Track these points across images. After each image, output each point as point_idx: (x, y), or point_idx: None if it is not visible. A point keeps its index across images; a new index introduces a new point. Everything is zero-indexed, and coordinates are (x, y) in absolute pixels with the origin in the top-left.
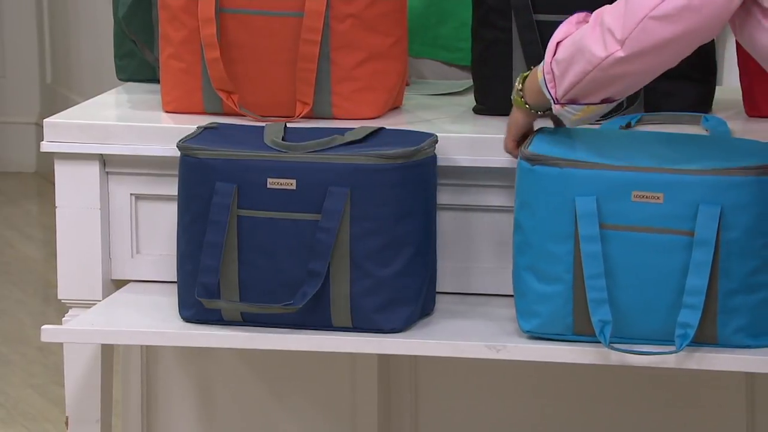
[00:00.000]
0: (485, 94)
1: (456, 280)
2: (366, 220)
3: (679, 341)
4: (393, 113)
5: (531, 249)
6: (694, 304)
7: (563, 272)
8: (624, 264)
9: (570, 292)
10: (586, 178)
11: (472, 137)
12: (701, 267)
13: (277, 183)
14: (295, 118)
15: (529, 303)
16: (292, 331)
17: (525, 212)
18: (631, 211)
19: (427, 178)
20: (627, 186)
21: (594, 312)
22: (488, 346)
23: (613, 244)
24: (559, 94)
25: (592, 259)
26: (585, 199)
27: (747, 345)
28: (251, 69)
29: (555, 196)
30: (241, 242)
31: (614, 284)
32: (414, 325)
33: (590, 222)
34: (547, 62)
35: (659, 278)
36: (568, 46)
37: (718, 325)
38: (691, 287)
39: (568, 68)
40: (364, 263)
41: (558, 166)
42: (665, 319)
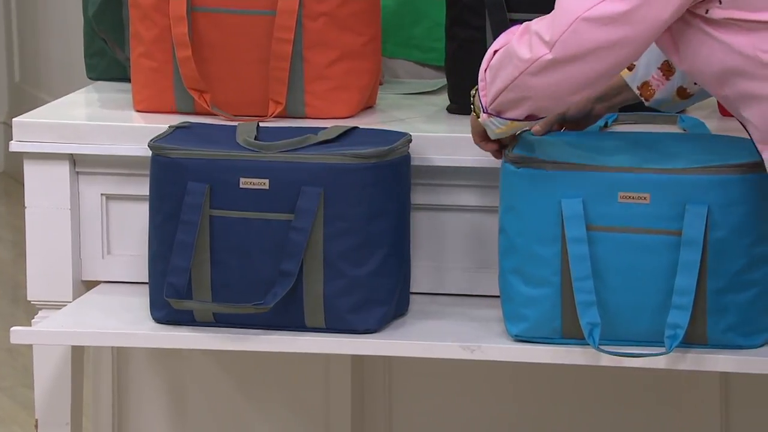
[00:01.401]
0: (459, 93)
1: (430, 281)
2: (339, 219)
3: (669, 342)
4: (366, 112)
5: (517, 252)
6: (683, 304)
7: (550, 275)
8: (612, 265)
9: (558, 295)
10: (572, 180)
11: (446, 137)
12: (689, 267)
13: (249, 183)
14: (267, 117)
15: (516, 307)
16: (264, 331)
17: (510, 216)
18: (617, 212)
19: (400, 177)
20: (613, 187)
21: (582, 314)
22: (463, 346)
23: (601, 246)
24: (488, 101)
25: (579, 261)
26: (571, 201)
27: (738, 344)
28: (223, 68)
29: (541, 198)
30: (214, 242)
31: (602, 286)
32: (388, 325)
33: (577, 224)
34: (482, 70)
35: (647, 279)
36: (501, 53)
37: (708, 325)
38: (680, 287)
39: (497, 74)
40: (337, 263)
41: (543, 168)
42: (654, 320)
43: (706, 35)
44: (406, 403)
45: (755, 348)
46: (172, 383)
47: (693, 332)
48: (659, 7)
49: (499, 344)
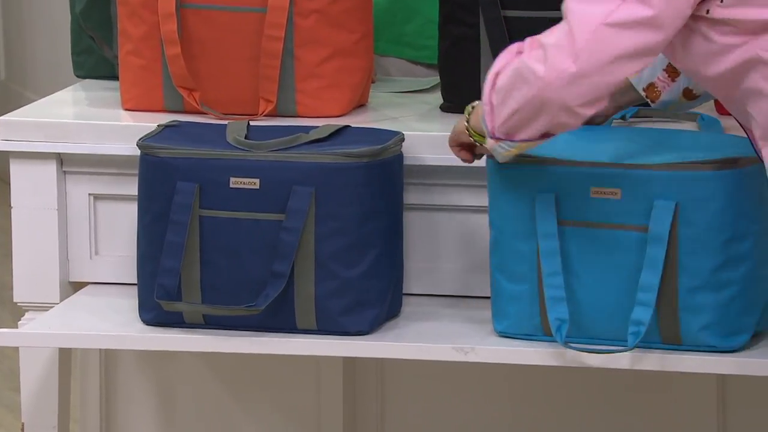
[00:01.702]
0: (452, 91)
1: (423, 282)
2: (331, 219)
3: (631, 339)
4: (358, 111)
5: (500, 248)
6: (646, 300)
7: (528, 271)
8: (583, 261)
9: (535, 290)
10: (546, 175)
11: (439, 135)
12: (654, 263)
13: (240, 182)
14: (258, 116)
15: (501, 303)
16: (255, 333)
17: (495, 211)
18: (590, 207)
19: (393, 177)
20: (585, 182)
21: (550, 310)
22: (456, 348)
23: (573, 241)
24: (496, 124)
25: (549, 256)
26: (543, 196)
27: (713, 345)
28: (213, 66)
29: (518, 193)
30: (203, 243)
31: (575, 282)
32: (380, 327)
33: (548, 219)
34: (486, 94)
35: (617, 276)
36: (508, 74)
37: (681, 324)
38: (644, 284)
39: (508, 96)
40: (329, 264)
41: (520, 164)
42: (624, 319)
43: (705, 36)
44: (398, 405)
45: (733, 351)
46: (161, 386)
47: (667, 332)
48: (680, 8)
49: (493, 346)
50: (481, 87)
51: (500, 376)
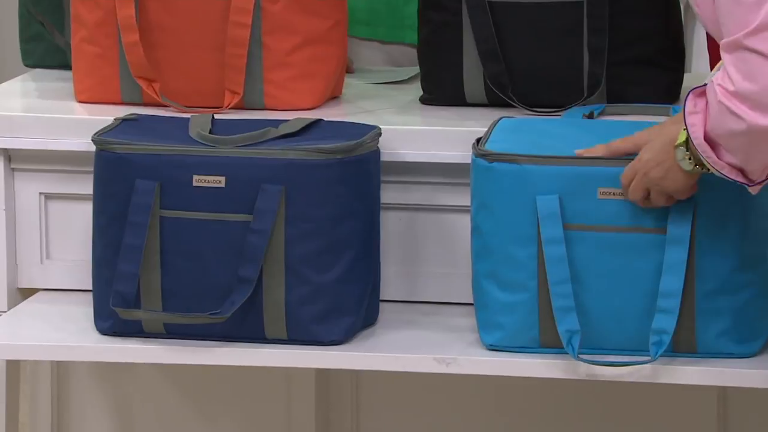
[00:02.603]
0: (433, 82)
1: (402, 287)
2: (302, 221)
3: (654, 349)
4: (332, 103)
5: (491, 254)
6: (670, 307)
7: (527, 279)
8: (592, 267)
9: (534, 300)
10: (548, 175)
11: (419, 129)
12: (676, 267)
13: (203, 180)
14: (223, 108)
15: (491, 314)
16: (220, 344)
17: (483, 214)
18: (597, 209)
19: (369, 174)
20: (592, 182)
21: (560, 321)
22: (437, 359)
23: (580, 247)
24: (756, 177)
25: (556, 263)
26: (547, 198)
27: (731, 352)
28: (174, 54)
29: (515, 195)
30: (164, 246)
31: (582, 290)
32: (355, 336)
33: (553, 223)
34: (716, 162)
35: (631, 282)
36: (730, 137)
37: (697, 331)
38: (666, 290)
39: (753, 151)
40: (300, 268)
41: (517, 163)
42: (639, 327)
43: None
44: (374, 420)
45: (749, 357)
46: (118, 401)
47: (681, 339)
48: None
49: (476, 356)
50: (464, 77)
51: (485, 388)
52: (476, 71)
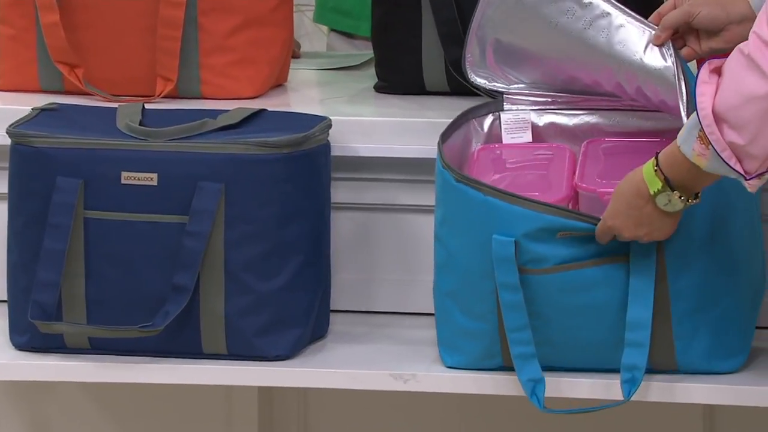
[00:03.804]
0: (389, 68)
1: (355, 296)
2: (244, 222)
3: (626, 388)
4: (276, 92)
5: (454, 273)
6: (639, 340)
7: (488, 311)
8: (554, 306)
9: (496, 332)
10: (507, 214)
11: (374, 121)
12: (642, 295)
13: (133, 178)
14: (155, 97)
15: (452, 336)
16: (152, 359)
17: (447, 228)
18: (556, 250)
19: (318, 170)
20: (553, 228)
21: (520, 370)
22: (394, 375)
23: (539, 288)
24: (757, 163)
25: (512, 309)
26: (502, 241)
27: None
28: (100, 37)
29: (478, 223)
30: (89, 250)
31: (545, 325)
32: (303, 350)
33: (507, 268)
34: (718, 139)
35: (598, 315)
36: (742, 106)
37: (677, 354)
38: (634, 320)
39: (763, 126)
40: (241, 275)
41: (480, 191)
42: (611, 353)
43: None
44: None
45: (733, 372)
46: (37, 423)
47: (660, 362)
48: None
49: (437, 373)
50: (423, 63)
51: (446, 408)
52: (436, 56)
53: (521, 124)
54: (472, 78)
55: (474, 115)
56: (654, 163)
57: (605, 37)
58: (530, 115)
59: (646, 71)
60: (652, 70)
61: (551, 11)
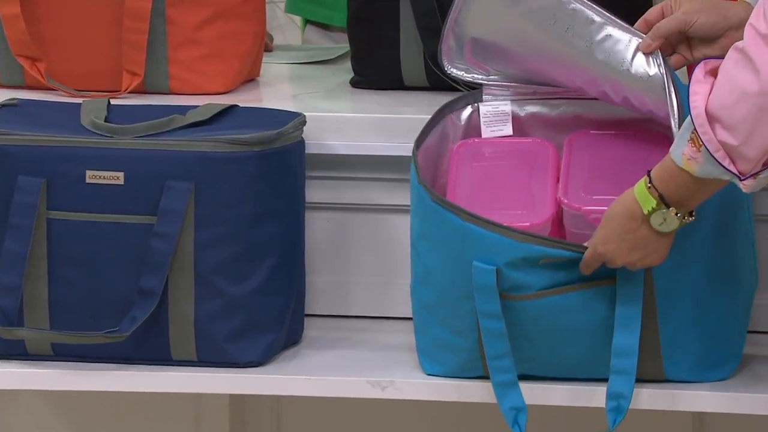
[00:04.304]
0: (365, 62)
1: (330, 300)
2: (214, 223)
3: (611, 417)
4: (248, 87)
5: (432, 288)
6: (625, 368)
7: (468, 328)
8: (537, 328)
9: (476, 348)
10: (487, 242)
11: (350, 117)
12: (629, 321)
13: (98, 177)
14: (121, 92)
15: (432, 347)
16: (118, 366)
17: (425, 243)
18: (539, 276)
19: (292, 169)
20: (536, 257)
21: (502, 398)
22: (371, 382)
23: (522, 313)
24: (750, 164)
25: (493, 337)
26: (483, 269)
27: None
28: (63, 29)
29: (456, 245)
30: (52, 252)
31: (529, 344)
32: (276, 356)
33: (489, 297)
34: (710, 139)
35: (582, 337)
36: (735, 104)
37: (666, 369)
38: (620, 348)
39: (757, 126)
40: (212, 279)
41: (458, 216)
42: (593, 367)
43: None
44: None
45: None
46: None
47: (647, 372)
48: None
49: (416, 379)
50: (401, 56)
51: (425, 416)
52: (415, 49)
53: (501, 116)
54: (449, 69)
55: (451, 110)
56: (646, 180)
57: (589, 44)
58: (510, 106)
59: (633, 80)
60: (640, 80)
61: (532, 15)
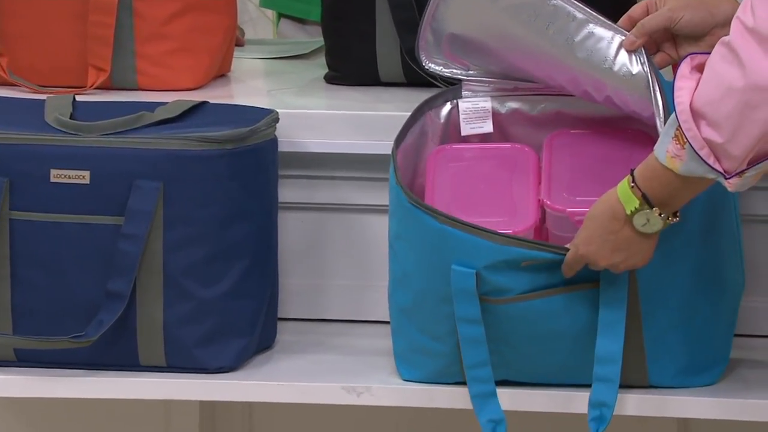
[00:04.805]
0: (340, 57)
1: (304, 303)
2: (184, 224)
3: (593, 426)
4: (219, 83)
5: (409, 291)
6: (609, 376)
7: (446, 333)
8: (518, 334)
9: (455, 353)
10: (466, 245)
11: (324, 114)
12: (612, 327)
13: (63, 176)
14: (87, 88)
15: (409, 351)
16: (84, 372)
17: (402, 244)
18: (519, 279)
19: (264, 168)
20: (516, 260)
21: (480, 411)
22: (346, 388)
23: (502, 317)
24: (736, 161)
25: (471, 344)
26: (462, 272)
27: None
28: (26, 23)
29: (435, 249)
30: (15, 254)
31: (509, 349)
32: (249, 362)
33: (468, 301)
34: (695, 136)
35: (564, 342)
36: (720, 100)
37: (650, 374)
38: (603, 354)
39: (742, 123)
40: (181, 281)
41: (435, 219)
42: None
43: None
44: None
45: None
46: None
47: (631, 378)
48: None
49: (392, 385)
50: (377, 52)
51: (403, 422)
52: (392, 44)
53: (481, 113)
54: (427, 64)
55: (430, 107)
56: (629, 180)
57: (571, 42)
58: (491, 103)
59: (615, 79)
60: (622, 78)
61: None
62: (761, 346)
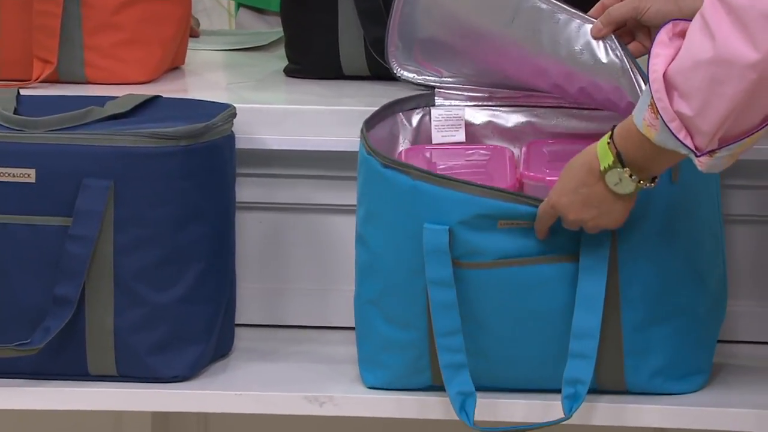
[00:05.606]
0: (301, 49)
1: (263, 309)
2: (136, 225)
3: (567, 404)
4: (172, 76)
5: (378, 276)
6: (585, 351)
7: (418, 315)
8: (492, 308)
9: (425, 341)
10: (439, 200)
11: (284, 109)
12: (591, 300)
13: (7, 174)
14: (32, 82)
15: (374, 350)
16: (30, 382)
17: (372, 226)
18: (496, 242)
19: (221, 166)
20: (493, 215)
21: (449, 381)
22: (308, 398)
23: (476, 286)
24: (707, 137)
25: (442, 310)
26: (435, 229)
27: (668, 392)
28: None
29: (406, 213)
30: None
31: (482, 332)
32: (204, 370)
33: (440, 261)
34: (665, 107)
35: (541, 321)
36: (692, 70)
37: (627, 372)
38: (579, 329)
39: (710, 97)
40: (133, 286)
41: (409, 176)
42: (552, 371)
43: None
44: None
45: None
46: None
47: (607, 381)
48: None
49: (357, 394)
50: (340, 43)
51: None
52: (355, 35)
53: (454, 121)
54: (399, 72)
55: (401, 108)
56: (609, 135)
57: (537, 33)
58: (464, 111)
59: (587, 68)
60: (594, 67)
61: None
62: (743, 353)
